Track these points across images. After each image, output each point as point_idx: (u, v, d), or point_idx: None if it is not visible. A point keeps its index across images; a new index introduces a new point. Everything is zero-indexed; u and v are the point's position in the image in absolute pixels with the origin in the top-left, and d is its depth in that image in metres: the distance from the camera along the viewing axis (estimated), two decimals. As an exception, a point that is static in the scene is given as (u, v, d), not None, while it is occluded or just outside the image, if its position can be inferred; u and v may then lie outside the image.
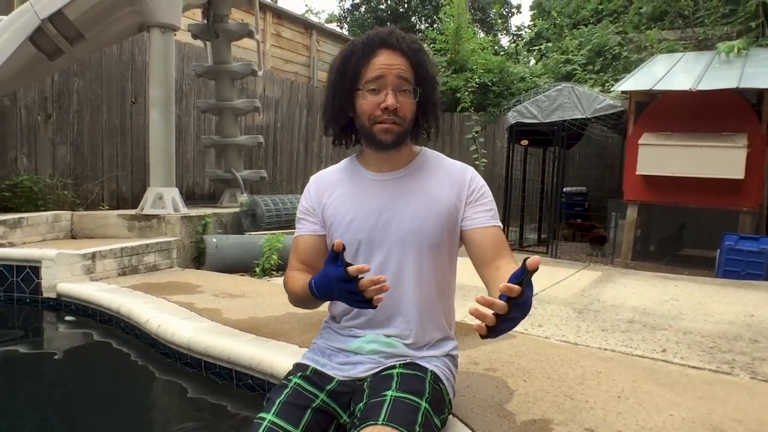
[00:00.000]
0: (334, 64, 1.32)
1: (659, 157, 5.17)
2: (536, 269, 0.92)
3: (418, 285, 1.32)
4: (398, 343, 1.31)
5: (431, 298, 1.34)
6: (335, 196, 1.38)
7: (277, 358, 1.92)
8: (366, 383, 1.24)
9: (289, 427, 1.13)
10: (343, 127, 1.36)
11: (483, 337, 0.97)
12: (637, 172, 5.32)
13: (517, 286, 0.92)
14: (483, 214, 1.35)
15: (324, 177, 1.45)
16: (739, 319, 2.91)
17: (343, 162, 1.45)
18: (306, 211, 1.42)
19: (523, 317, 0.99)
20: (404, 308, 1.32)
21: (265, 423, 1.13)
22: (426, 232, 1.31)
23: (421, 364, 1.28)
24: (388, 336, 1.32)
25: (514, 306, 0.94)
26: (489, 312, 0.94)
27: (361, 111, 1.29)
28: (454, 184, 1.37)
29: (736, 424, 1.51)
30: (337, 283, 1.09)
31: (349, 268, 1.06)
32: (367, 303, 1.08)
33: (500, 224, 1.37)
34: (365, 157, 1.39)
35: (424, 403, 1.15)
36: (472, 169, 1.42)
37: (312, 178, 1.47)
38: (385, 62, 1.25)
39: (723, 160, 4.84)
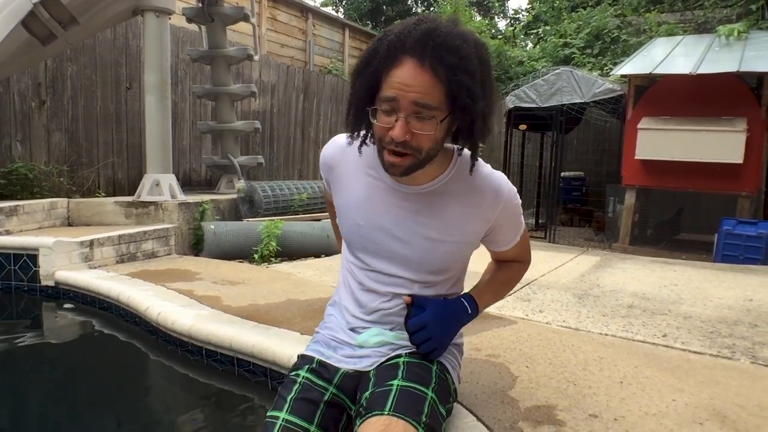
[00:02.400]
0: (356, 66, 1.09)
1: (658, 141, 5.16)
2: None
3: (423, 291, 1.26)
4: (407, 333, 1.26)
5: (439, 295, 1.29)
6: (348, 182, 1.26)
7: (279, 345, 1.92)
8: (372, 372, 1.22)
9: (304, 424, 1.10)
10: (366, 138, 1.17)
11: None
12: (635, 157, 5.32)
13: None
14: (508, 235, 1.30)
15: (346, 149, 1.25)
16: (738, 304, 2.92)
17: (372, 148, 1.18)
18: (322, 171, 1.34)
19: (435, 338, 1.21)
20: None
21: (279, 422, 1.10)
22: (430, 262, 1.22)
23: None
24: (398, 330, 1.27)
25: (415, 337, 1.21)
26: None
27: (374, 130, 1.09)
28: (481, 210, 1.20)
29: (738, 408, 1.51)
30: None
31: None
32: None
33: (523, 230, 1.31)
34: None
35: (430, 393, 1.13)
36: (506, 186, 1.22)
37: (336, 140, 1.30)
38: (403, 81, 1.00)
39: (722, 144, 4.83)
